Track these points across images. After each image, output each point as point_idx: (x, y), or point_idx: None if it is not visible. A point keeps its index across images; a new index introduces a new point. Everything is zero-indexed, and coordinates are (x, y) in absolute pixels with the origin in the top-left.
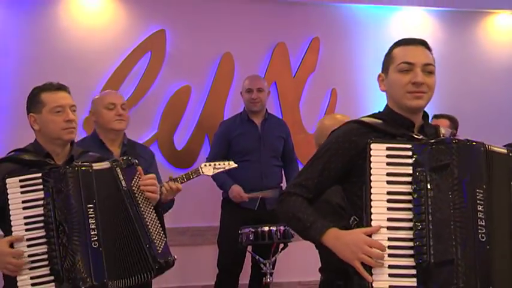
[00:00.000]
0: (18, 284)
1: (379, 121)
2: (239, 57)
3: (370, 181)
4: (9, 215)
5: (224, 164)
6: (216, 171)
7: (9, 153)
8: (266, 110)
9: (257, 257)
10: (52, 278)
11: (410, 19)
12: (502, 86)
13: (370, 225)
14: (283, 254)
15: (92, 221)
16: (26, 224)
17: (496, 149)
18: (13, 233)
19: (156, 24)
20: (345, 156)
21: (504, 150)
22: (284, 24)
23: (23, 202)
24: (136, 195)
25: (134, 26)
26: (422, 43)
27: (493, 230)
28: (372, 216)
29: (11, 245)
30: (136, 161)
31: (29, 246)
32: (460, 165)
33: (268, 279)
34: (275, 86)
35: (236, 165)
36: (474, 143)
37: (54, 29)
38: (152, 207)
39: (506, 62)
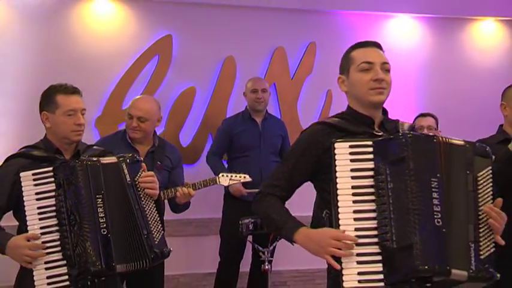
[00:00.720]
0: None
1: (342, 121)
2: (241, 60)
3: (336, 177)
4: (24, 206)
5: (240, 176)
6: (232, 182)
7: (21, 149)
8: (266, 109)
9: (256, 246)
10: (64, 262)
11: (402, 25)
12: (485, 87)
13: (338, 218)
14: (282, 245)
15: (100, 210)
16: (39, 213)
17: (453, 141)
18: (28, 222)
19: (164, 30)
20: (312, 156)
21: (461, 142)
22: (283, 29)
23: (36, 194)
24: (139, 189)
25: (143, 32)
26: (377, 45)
27: (449, 215)
28: (339, 210)
29: (28, 241)
30: (141, 158)
31: (42, 234)
32: (415, 157)
33: (267, 267)
34: (274, 87)
35: (251, 179)
36: (428, 136)
37: (68, 33)
38: (153, 202)
39: (489, 64)
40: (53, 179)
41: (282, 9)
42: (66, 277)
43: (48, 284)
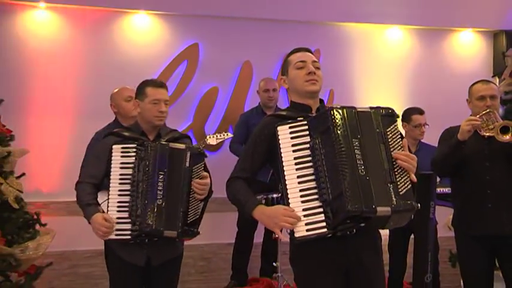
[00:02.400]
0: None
1: (285, 111)
2: (257, 64)
3: (281, 153)
4: (110, 174)
5: (224, 135)
6: (218, 140)
7: (116, 130)
8: (276, 105)
9: None
10: (129, 220)
11: (394, 35)
12: (463, 87)
13: (286, 184)
14: None
15: (160, 184)
16: (120, 179)
17: (362, 109)
18: (111, 185)
19: (191, 39)
20: (266, 140)
21: (368, 109)
22: (292, 38)
23: (121, 163)
24: (193, 176)
25: (174, 41)
26: (307, 50)
27: (368, 165)
28: (286, 177)
29: (105, 220)
30: (206, 154)
31: (119, 195)
32: (339, 125)
33: (277, 235)
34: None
35: (232, 135)
36: (349, 108)
37: (112, 42)
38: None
39: (467, 69)
40: (134, 154)
41: (292, 21)
42: (129, 232)
43: (116, 234)
